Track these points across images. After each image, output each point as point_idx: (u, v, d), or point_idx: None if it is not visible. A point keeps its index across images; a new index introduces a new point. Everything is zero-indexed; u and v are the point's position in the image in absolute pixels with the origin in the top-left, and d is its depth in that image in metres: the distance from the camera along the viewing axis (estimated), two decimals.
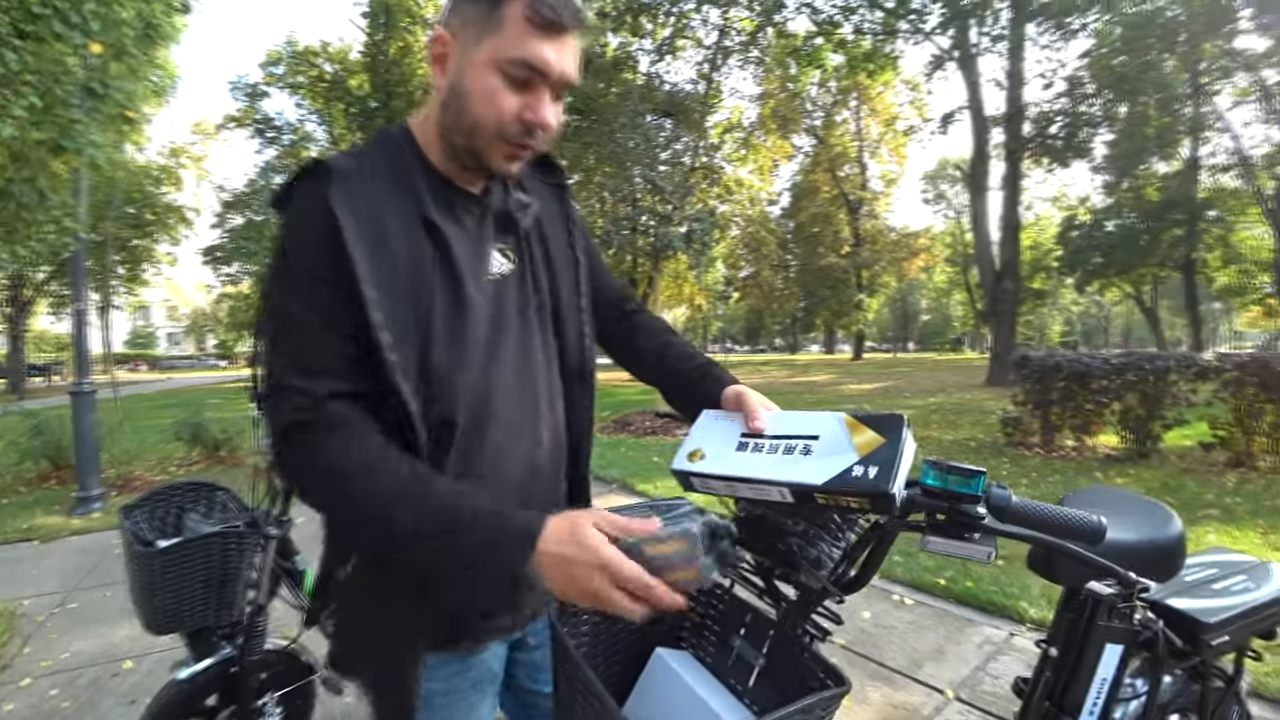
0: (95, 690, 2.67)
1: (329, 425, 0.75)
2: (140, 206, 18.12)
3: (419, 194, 0.83)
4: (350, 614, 0.91)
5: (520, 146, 0.83)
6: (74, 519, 5.36)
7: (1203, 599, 1.25)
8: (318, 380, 0.75)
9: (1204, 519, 4.45)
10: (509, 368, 0.90)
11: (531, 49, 0.78)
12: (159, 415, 12.23)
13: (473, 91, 0.80)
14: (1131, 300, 30.98)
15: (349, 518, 0.79)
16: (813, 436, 0.78)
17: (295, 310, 0.78)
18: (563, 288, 1.00)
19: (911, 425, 0.74)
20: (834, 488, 0.71)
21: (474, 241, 0.88)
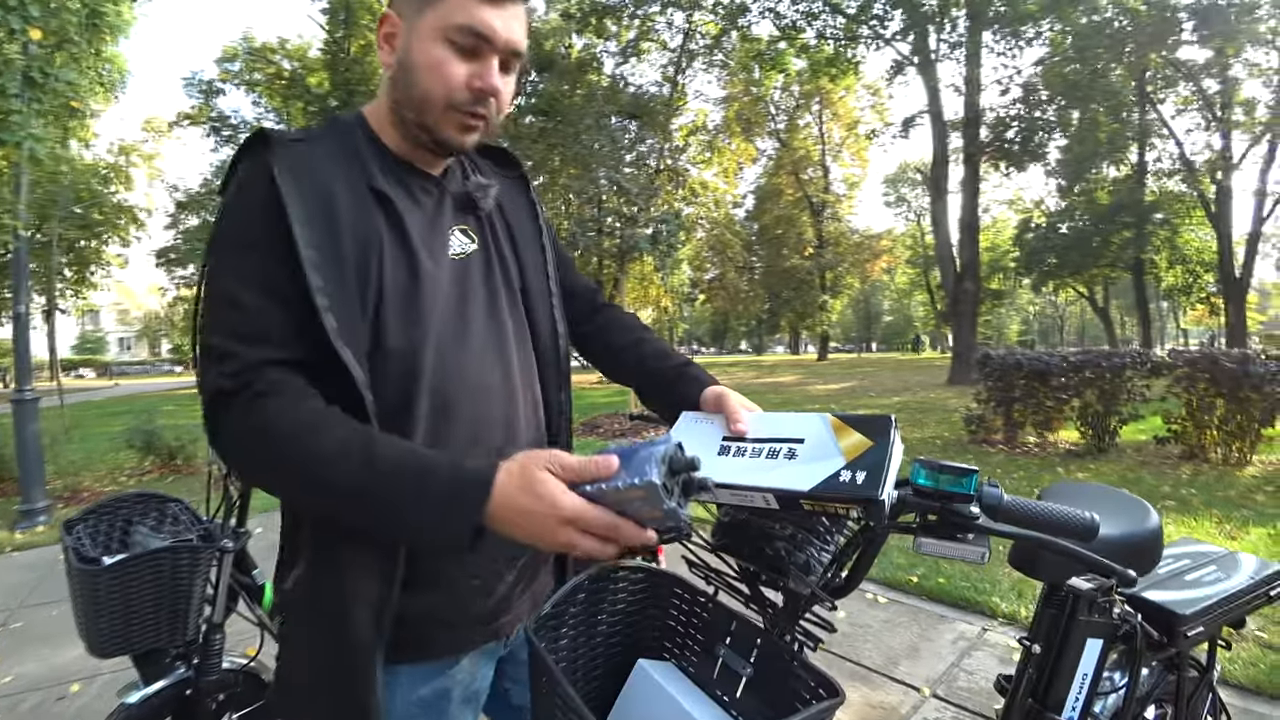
0: (39, 716, 2.53)
1: (262, 391, 0.71)
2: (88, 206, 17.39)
3: (368, 167, 0.82)
4: (296, 631, 0.84)
5: (471, 115, 0.82)
6: (17, 533, 5.11)
7: (1177, 590, 1.27)
8: (251, 346, 0.72)
9: (1162, 510, 4.55)
10: (478, 346, 0.87)
11: (476, 14, 0.77)
12: (109, 423, 11.75)
13: (420, 63, 0.79)
14: (1084, 300, 32.07)
15: (288, 482, 0.74)
16: (797, 440, 0.74)
17: (229, 279, 0.74)
18: (530, 273, 0.98)
19: (899, 426, 0.72)
20: (821, 494, 0.67)
21: (431, 220, 0.87)
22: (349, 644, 0.77)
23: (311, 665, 0.81)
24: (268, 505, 5.62)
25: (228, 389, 0.71)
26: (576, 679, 0.92)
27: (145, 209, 20.82)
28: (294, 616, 0.85)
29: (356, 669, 0.77)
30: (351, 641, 0.77)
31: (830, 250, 35.38)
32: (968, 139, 17.23)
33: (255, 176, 0.75)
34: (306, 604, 0.82)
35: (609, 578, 0.94)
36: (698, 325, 64.32)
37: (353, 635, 0.77)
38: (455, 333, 0.84)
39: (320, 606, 0.80)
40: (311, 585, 0.81)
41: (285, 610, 0.86)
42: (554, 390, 0.99)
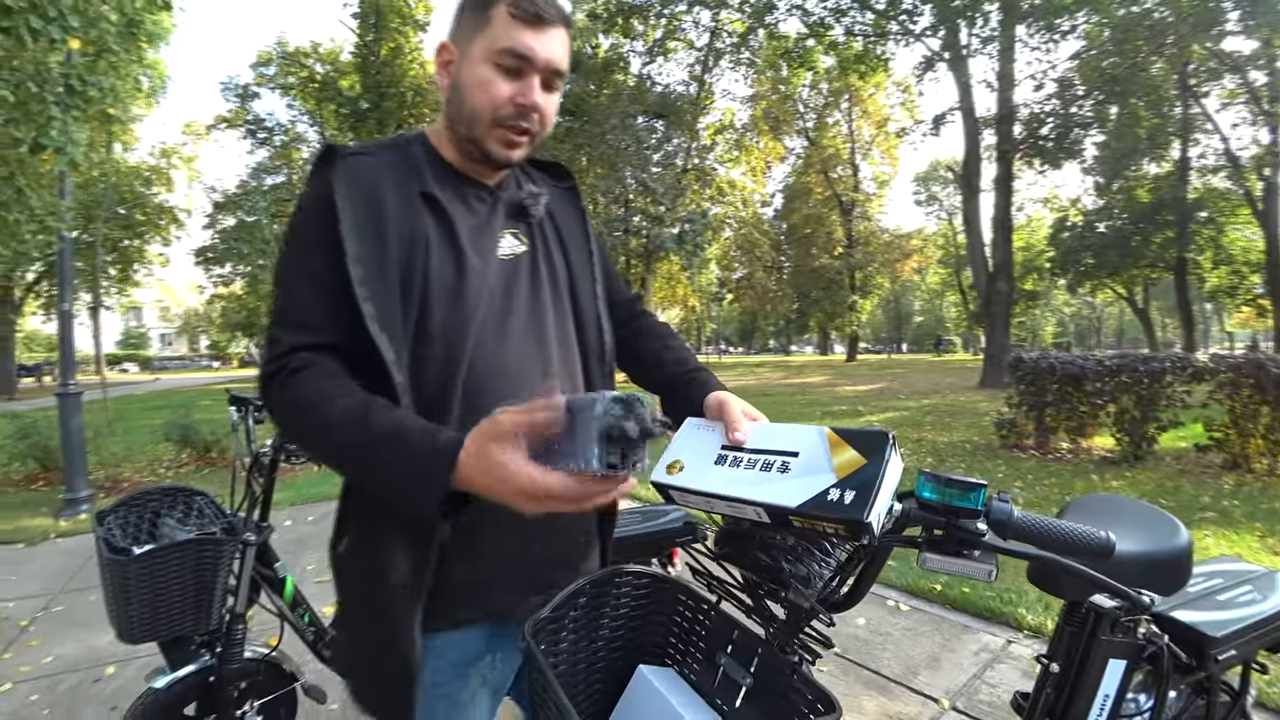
0: (76, 696, 2.62)
1: (295, 368, 0.80)
2: (131, 207, 17.96)
3: (423, 176, 0.91)
4: (342, 587, 0.94)
5: (516, 131, 0.90)
6: (61, 521, 5.30)
7: (1208, 611, 1.22)
8: (291, 332, 0.82)
9: (1201, 522, 4.43)
10: (518, 341, 0.92)
11: (516, 39, 0.85)
12: (150, 416, 12.12)
13: (469, 83, 0.88)
14: (1123, 301, 31.15)
15: (312, 448, 0.84)
16: (792, 453, 0.73)
17: (286, 274, 0.86)
18: (579, 275, 1.04)
19: (898, 444, 0.69)
20: (808, 511, 0.66)
21: (483, 223, 0.94)
22: (388, 608, 0.84)
23: (357, 626, 0.91)
24: (293, 499, 5.76)
25: (270, 371, 0.81)
26: (578, 682, 0.92)
27: (185, 209, 21.42)
28: (342, 580, 0.93)
29: (396, 631, 0.84)
30: (390, 605, 0.84)
31: (860, 250, 34.90)
32: (1001, 136, 16.85)
33: (318, 186, 0.86)
34: (352, 568, 0.91)
35: (612, 582, 0.94)
36: (726, 325, 64.07)
37: (391, 600, 0.84)
38: (497, 327, 0.90)
39: (363, 571, 0.88)
40: (354, 552, 0.90)
41: (335, 573, 0.94)
42: (598, 384, 1.03)
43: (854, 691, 2.48)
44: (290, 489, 6.11)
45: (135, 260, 22.64)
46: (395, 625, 0.84)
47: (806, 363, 38.99)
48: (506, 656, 0.97)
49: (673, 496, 0.84)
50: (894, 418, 10.77)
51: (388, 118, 21.83)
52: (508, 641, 0.96)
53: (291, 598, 2.03)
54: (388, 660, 0.85)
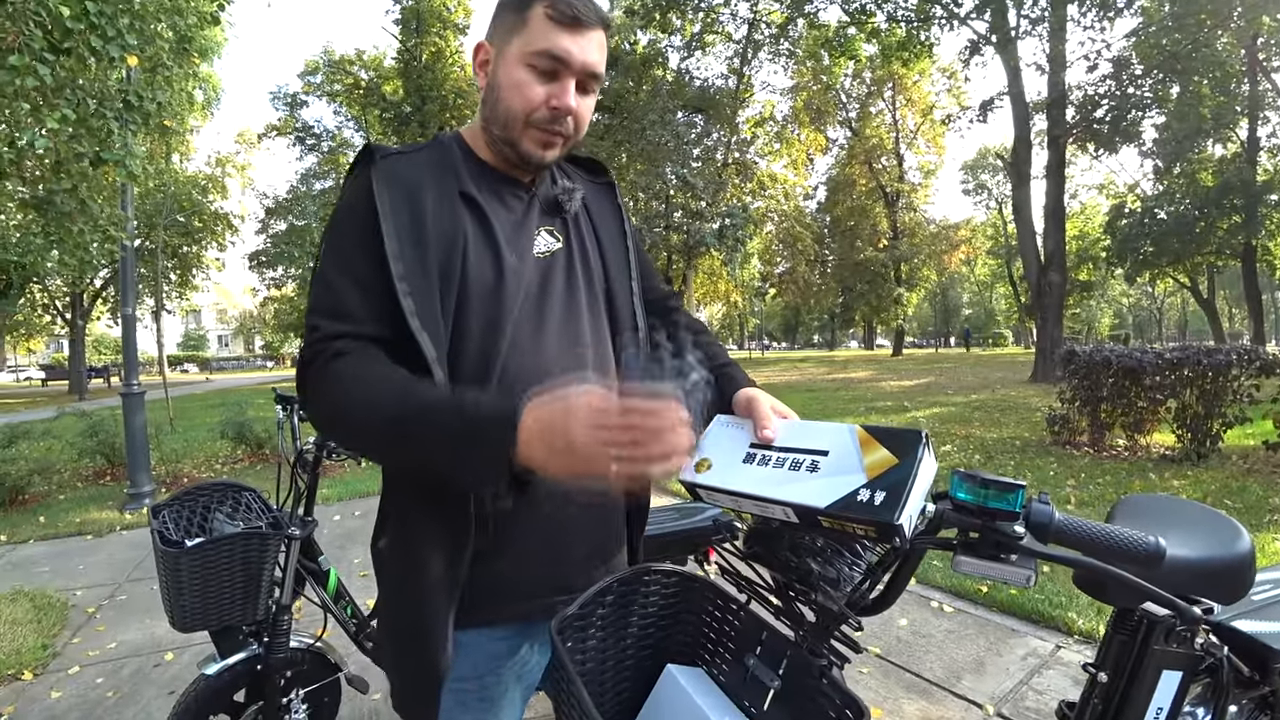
0: (138, 680, 2.75)
1: (335, 354, 0.81)
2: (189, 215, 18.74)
3: (460, 175, 0.92)
4: (382, 582, 0.95)
5: (550, 133, 0.90)
6: (126, 514, 5.57)
7: (1274, 622, 1.14)
8: (331, 321, 0.83)
9: (1270, 524, 4.19)
10: (554, 336, 0.93)
11: (553, 41, 0.86)
12: (209, 415, 12.63)
13: (505, 84, 0.89)
14: (1186, 291, 29.66)
15: (352, 431, 0.83)
16: (822, 452, 0.71)
17: (326, 267, 0.87)
18: (614, 272, 1.04)
19: (931, 443, 0.67)
20: (837, 512, 0.64)
21: (520, 221, 0.95)
22: (422, 604, 0.86)
23: (392, 621, 0.93)
24: (341, 495, 5.92)
25: (308, 357, 0.83)
26: (605, 680, 0.92)
27: (239, 215, 22.23)
28: (381, 575, 0.95)
29: (428, 628, 0.85)
30: (424, 602, 0.86)
31: (905, 241, 34.06)
32: (1052, 120, 16.18)
33: (358, 185, 0.87)
34: (390, 564, 0.93)
35: (641, 580, 0.93)
36: (769, 320, 63.42)
37: (425, 597, 0.85)
38: (533, 323, 0.91)
39: (399, 568, 0.90)
40: (392, 548, 0.92)
41: (376, 568, 0.96)
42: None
43: (894, 695, 2.43)
44: (339, 485, 6.29)
45: (194, 265, 23.63)
46: (427, 622, 0.85)
47: (851, 358, 38.29)
48: (538, 653, 0.98)
49: (701, 495, 0.83)
50: (941, 413, 10.49)
51: (430, 121, 22.25)
52: (539, 638, 0.97)
53: (335, 590, 2.09)
54: (417, 656, 0.86)
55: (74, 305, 23.71)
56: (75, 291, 22.93)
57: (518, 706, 0.97)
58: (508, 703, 0.95)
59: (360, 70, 25.28)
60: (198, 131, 19.27)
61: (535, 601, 0.93)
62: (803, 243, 32.10)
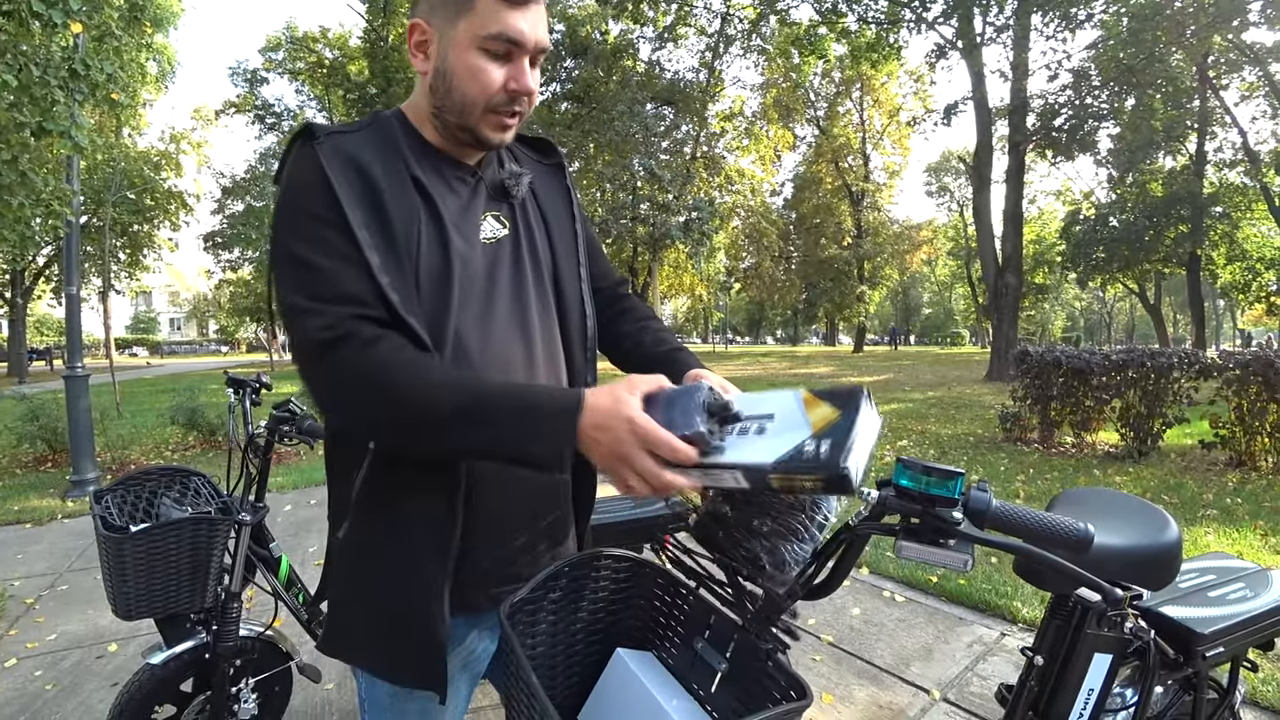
0: (79, 672, 2.66)
1: (370, 339, 0.77)
2: (140, 191, 18.02)
3: (406, 157, 0.88)
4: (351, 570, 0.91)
5: (508, 115, 0.88)
6: (68, 502, 5.37)
7: (1198, 607, 1.21)
8: (337, 304, 0.78)
9: (1203, 519, 4.41)
10: (502, 325, 0.92)
11: (506, 22, 0.82)
12: (158, 400, 12.22)
13: (458, 71, 0.85)
14: (1134, 296, 30.84)
15: (400, 415, 0.78)
16: (768, 416, 0.72)
17: (296, 244, 0.80)
18: (561, 257, 1.02)
19: (872, 397, 0.68)
20: (785, 467, 0.64)
21: (465, 206, 0.93)
22: (419, 587, 0.85)
23: (364, 609, 0.90)
24: (296, 483, 5.80)
25: (327, 339, 0.77)
26: (556, 664, 0.92)
27: (194, 194, 21.47)
28: (345, 565, 0.92)
29: (427, 610, 0.84)
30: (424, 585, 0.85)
31: (869, 240, 34.67)
32: (1013, 127, 16.61)
33: (304, 162, 0.82)
34: (357, 554, 0.90)
35: (592, 565, 0.94)
36: (733, 314, 63.91)
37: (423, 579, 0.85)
38: (480, 314, 0.89)
39: (372, 557, 0.88)
40: (359, 538, 0.89)
41: (339, 557, 0.93)
42: (580, 369, 1.02)
43: (845, 681, 2.49)
44: (294, 473, 6.15)
45: (144, 245, 22.75)
46: (426, 603, 0.85)
47: (813, 353, 38.85)
48: (486, 640, 0.98)
49: None
50: (898, 409, 10.73)
51: (395, 103, 21.66)
52: (486, 626, 0.96)
53: (286, 578, 2.05)
54: (418, 638, 0.85)
55: (14, 283, 22.60)
56: (16, 269, 21.87)
57: (463, 696, 0.97)
58: (453, 691, 0.94)
59: (324, 49, 24.59)
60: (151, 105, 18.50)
61: (480, 591, 0.92)
62: (768, 238, 32.43)
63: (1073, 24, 15.39)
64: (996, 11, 15.84)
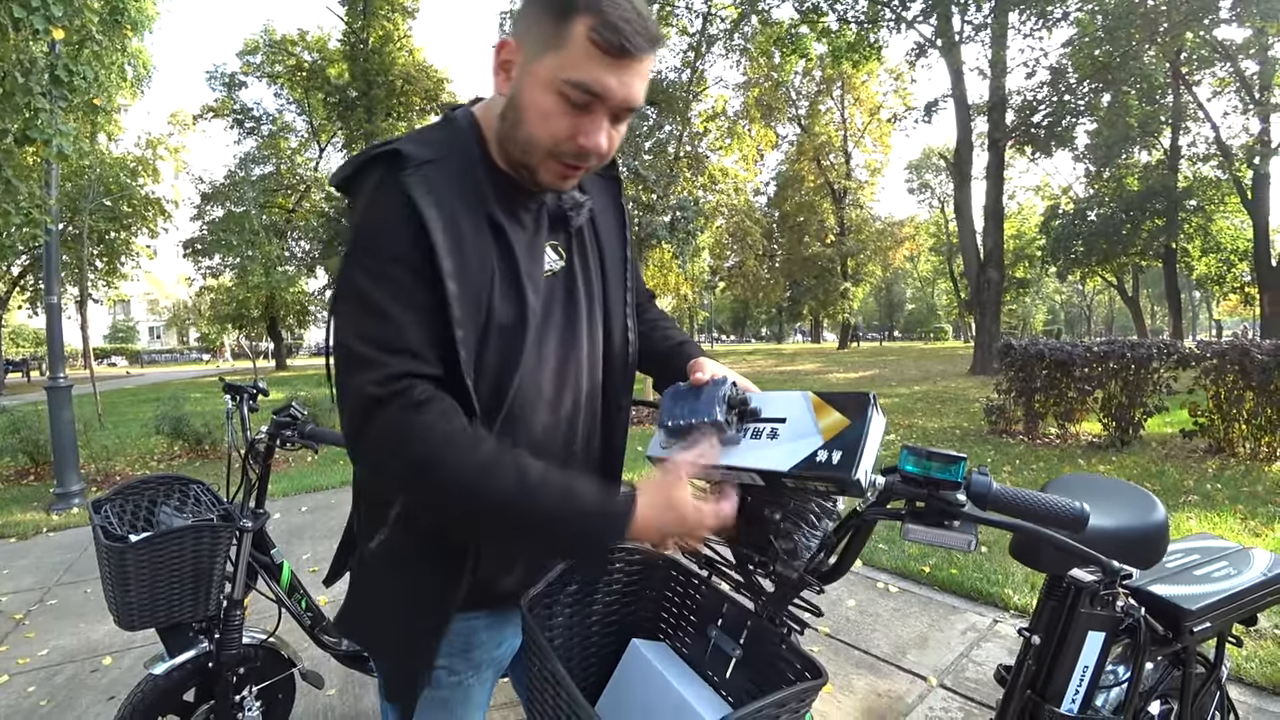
0: (74, 687, 2.63)
1: (418, 401, 0.74)
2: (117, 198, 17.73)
3: (484, 192, 0.83)
4: (377, 580, 0.92)
5: (572, 167, 0.82)
6: (53, 515, 5.29)
7: (1185, 585, 1.25)
8: (397, 357, 0.74)
9: (1185, 505, 4.51)
10: (554, 363, 0.89)
11: (594, 74, 0.75)
12: (141, 409, 12.06)
13: (529, 107, 0.78)
14: (1113, 289, 31.34)
15: (439, 488, 0.75)
16: (780, 420, 0.76)
17: (369, 284, 0.76)
18: (612, 284, 0.99)
19: (879, 402, 0.72)
20: (799, 473, 0.70)
21: (531, 240, 0.88)
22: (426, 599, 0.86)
23: (391, 614, 0.90)
24: (287, 490, 5.76)
25: (378, 395, 0.73)
26: (573, 655, 0.95)
27: (172, 201, 21.15)
28: (374, 574, 0.92)
29: (430, 620, 0.86)
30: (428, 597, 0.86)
31: (852, 237, 34.96)
32: (993, 123, 16.86)
33: (392, 195, 0.76)
34: (387, 565, 0.90)
35: (605, 560, 0.96)
36: (718, 313, 64.09)
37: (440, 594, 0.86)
38: (536, 353, 0.87)
39: (402, 567, 0.89)
40: (390, 549, 0.88)
41: (370, 566, 0.92)
42: (617, 393, 1.01)
43: (844, 671, 2.53)
44: (284, 480, 6.11)
45: (122, 253, 22.38)
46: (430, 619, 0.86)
47: (798, 350, 39.07)
48: (509, 638, 0.99)
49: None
50: (885, 405, 10.81)
51: (376, 106, 21.64)
52: (510, 625, 0.97)
53: (289, 584, 2.04)
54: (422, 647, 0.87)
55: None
56: None
57: (487, 690, 0.99)
58: (481, 687, 0.96)
59: (303, 52, 24.37)
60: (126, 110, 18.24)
61: (505, 590, 0.93)
62: (752, 237, 32.55)
63: (1049, 22, 15.65)
64: (974, 10, 16.05)
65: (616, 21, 0.73)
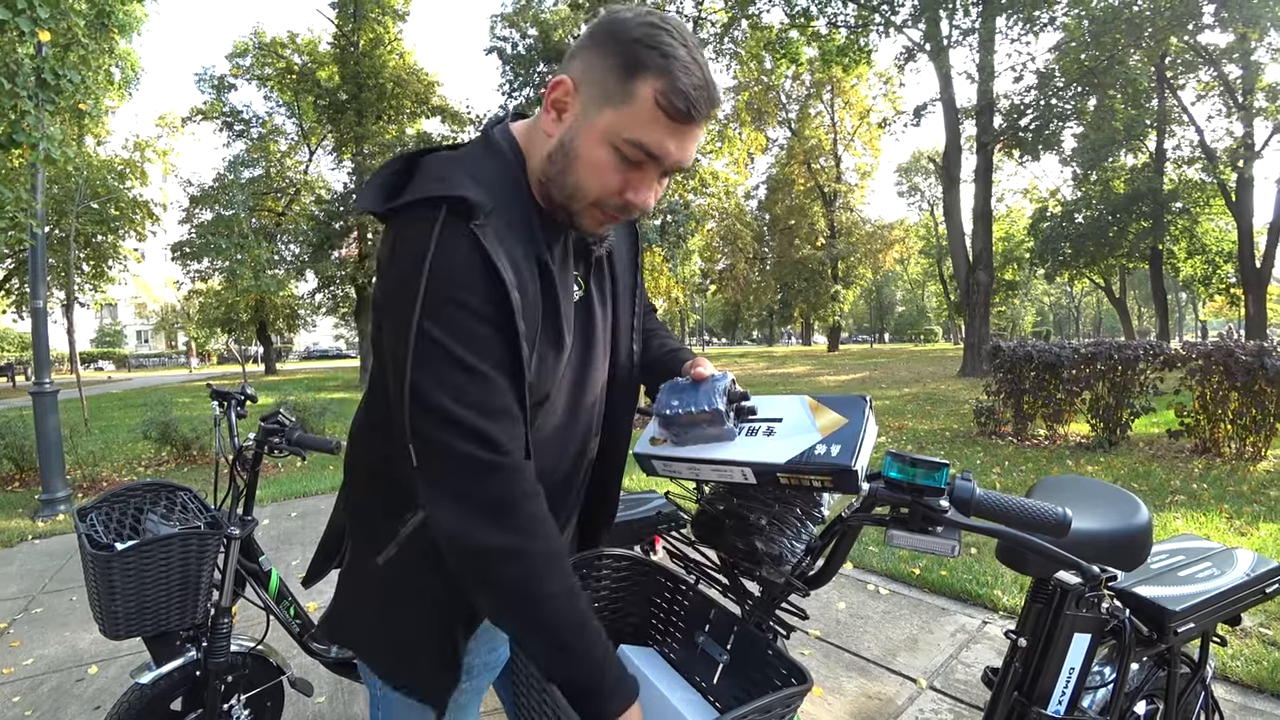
0: (59, 697, 2.60)
1: (531, 492, 0.74)
2: (104, 201, 17.59)
3: (534, 233, 0.81)
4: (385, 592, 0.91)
5: (613, 217, 0.82)
6: (38, 522, 5.22)
7: (1169, 586, 1.27)
8: (508, 428, 0.73)
9: (1171, 505, 4.55)
10: (570, 392, 0.90)
11: (654, 137, 0.74)
12: (127, 415, 11.95)
13: (582, 157, 0.77)
14: (1100, 291, 31.63)
15: (514, 582, 0.73)
16: (777, 419, 0.77)
17: (461, 351, 0.71)
18: (622, 310, 0.99)
19: (874, 407, 0.74)
20: (797, 466, 0.71)
21: (563, 274, 0.87)
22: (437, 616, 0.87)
23: (404, 628, 0.90)
24: (276, 495, 5.72)
25: (493, 462, 0.72)
26: None
27: (160, 204, 20.99)
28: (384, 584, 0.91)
29: (443, 635, 0.86)
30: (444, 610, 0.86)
31: (842, 240, 35.13)
32: (981, 127, 16.99)
33: (463, 246, 0.72)
34: (400, 577, 0.89)
35: (593, 564, 0.96)
36: (709, 316, 64.21)
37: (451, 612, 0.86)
38: (556, 385, 0.87)
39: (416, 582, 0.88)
40: (403, 563, 0.87)
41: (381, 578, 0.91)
42: (620, 414, 1.01)
43: (835, 674, 2.54)
44: (273, 485, 6.07)
45: (109, 256, 22.20)
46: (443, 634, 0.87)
47: (789, 353, 39.21)
48: (500, 643, 0.99)
49: (655, 467, 0.86)
50: (876, 407, 10.84)
51: (367, 109, 21.57)
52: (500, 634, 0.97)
53: (277, 591, 2.03)
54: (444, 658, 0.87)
55: None
56: None
57: (481, 695, 0.99)
58: (472, 694, 0.97)
59: (293, 54, 24.25)
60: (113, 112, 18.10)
61: None
62: (743, 240, 32.71)
63: (1036, 27, 15.80)
64: (962, 15, 16.19)
65: (687, 89, 0.72)
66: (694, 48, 0.74)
